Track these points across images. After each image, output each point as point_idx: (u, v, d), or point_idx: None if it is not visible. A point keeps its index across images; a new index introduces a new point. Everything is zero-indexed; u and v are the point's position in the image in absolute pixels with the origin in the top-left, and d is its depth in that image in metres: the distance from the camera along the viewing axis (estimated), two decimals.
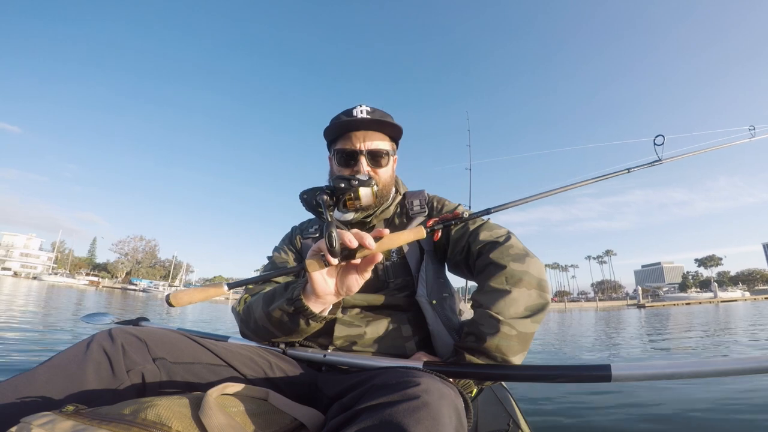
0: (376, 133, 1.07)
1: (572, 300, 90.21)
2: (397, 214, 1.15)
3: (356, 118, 1.03)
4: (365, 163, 1.05)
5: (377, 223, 1.13)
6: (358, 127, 1.05)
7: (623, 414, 2.82)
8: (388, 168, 1.10)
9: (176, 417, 0.50)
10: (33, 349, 4.26)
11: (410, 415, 0.50)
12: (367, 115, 1.05)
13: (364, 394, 0.59)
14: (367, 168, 1.05)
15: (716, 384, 3.46)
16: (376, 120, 1.04)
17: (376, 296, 1.03)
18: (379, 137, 1.07)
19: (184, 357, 0.77)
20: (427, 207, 1.14)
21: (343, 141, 1.07)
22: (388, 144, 1.10)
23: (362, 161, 1.04)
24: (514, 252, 0.93)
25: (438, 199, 1.18)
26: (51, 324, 7.07)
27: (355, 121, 1.03)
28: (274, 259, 1.19)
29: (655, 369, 0.66)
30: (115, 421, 0.48)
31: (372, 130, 1.06)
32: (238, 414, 0.56)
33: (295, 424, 0.61)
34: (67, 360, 0.67)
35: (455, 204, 1.16)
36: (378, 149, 1.06)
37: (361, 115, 1.04)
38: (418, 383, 0.55)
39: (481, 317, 0.87)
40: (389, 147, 1.10)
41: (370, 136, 1.05)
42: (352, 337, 0.97)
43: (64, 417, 0.49)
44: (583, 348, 7.65)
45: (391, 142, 1.11)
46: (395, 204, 1.16)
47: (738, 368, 0.62)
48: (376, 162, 1.06)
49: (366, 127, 1.05)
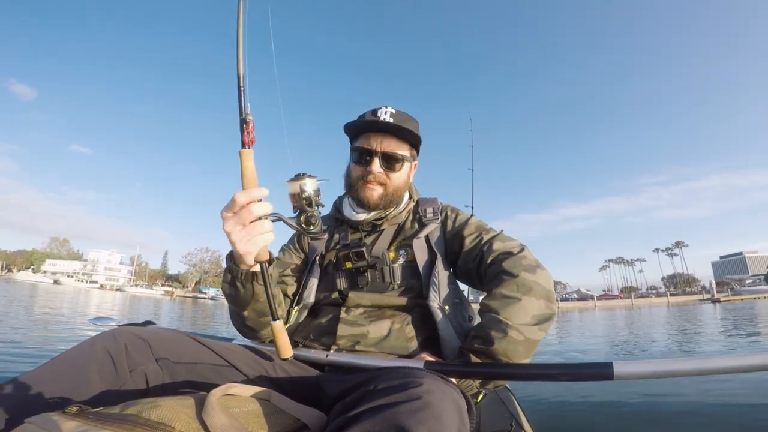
0: (395, 137, 1.09)
1: (640, 296, 79.72)
2: (410, 219, 1.17)
3: (376, 120, 1.06)
4: (378, 164, 1.07)
5: (388, 227, 1.15)
6: (377, 129, 1.08)
7: (626, 415, 2.81)
8: (402, 173, 1.12)
9: (179, 417, 0.51)
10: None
11: (412, 416, 0.50)
12: (390, 117, 1.07)
13: (366, 395, 0.59)
14: (380, 169, 1.07)
15: (718, 381, 3.45)
16: (394, 125, 1.06)
17: (381, 296, 1.04)
18: (397, 141, 1.09)
19: (186, 357, 0.78)
20: (440, 215, 1.16)
21: (362, 139, 1.10)
22: (407, 150, 1.12)
23: (375, 161, 1.07)
24: (527, 263, 0.96)
25: (452, 209, 1.20)
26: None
27: (374, 123, 1.07)
28: (279, 258, 1.20)
29: (658, 366, 0.65)
30: (119, 422, 0.48)
31: (390, 133, 1.08)
32: (240, 414, 0.56)
33: (298, 424, 0.61)
34: (70, 360, 0.68)
35: (468, 215, 1.18)
36: (393, 153, 1.08)
37: (384, 117, 1.07)
38: (420, 384, 0.55)
39: (489, 322, 0.88)
40: (407, 153, 1.12)
41: (388, 139, 1.08)
42: (356, 337, 0.97)
43: (67, 417, 0.49)
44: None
45: (410, 148, 1.14)
46: (407, 210, 1.18)
47: (742, 365, 0.62)
48: (390, 165, 1.08)
49: (384, 131, 1.07)
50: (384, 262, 1.07)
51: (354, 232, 1.16)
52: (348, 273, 1.08)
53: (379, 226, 1.14)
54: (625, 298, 71.15)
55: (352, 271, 1.07)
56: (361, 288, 1.06)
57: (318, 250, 1.16)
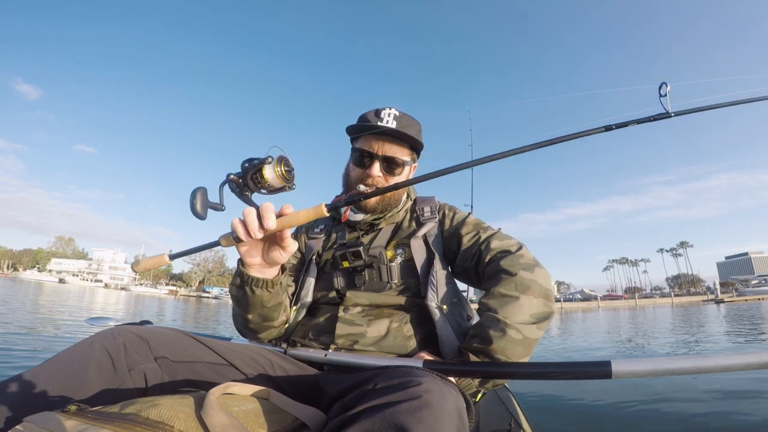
0: (397, 141, 1.09)
1: (645, 296, 78.68)
2: (408, 218, 1.17)
3: (379, 126, 1.06)
4: (378, 168, 1.08)
5: (386, 226, 1.15)
6: (379, 132, 1.07)
7: (625, 414, 2.81)
8: (402, 176, 1.12)
9: (178, 416, 0.51)
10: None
11: (412, 415, 0.50)
12: (393, 120, 1.07)
13: (365, 394, 0.59)
14: (380, 173, 1.08)
15: (717, 379, 3.44)
16: (397, 132, 1.06)
17: (379, 295, 1.04)
18: (398, 145, 1.09)
19: (185, 356, 0.78)
20: (438, 214, 1.16)
21: (363, 141, 1.10)
22: (407, 154, 1.12)
23: (375, 165, 1.08)
24: (525, 261, 0.96)
25: (449, 207, 1.20)
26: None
27: (376, 128, 1.07)
28: None
29: (656, 365, 0.65)
30: (118, 421, 0.48)
31: (393, 137, 1.08)
32: (239, 413, 0.56)
33: (297, 423, 0.61)
34: (69, 359, 0.68)
35: (466, 213, 1.18)
36: (394, 157, 1.08)
37: (387, 119, 1.07)
38: (419, 383, 0.55)
39: (488, 320, 0.88)
40: (407, 157, 1.12)
41: (390, 143, 1.08)
42: (354, 336, 0.97)
43: (66, 416, 0.49)
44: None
45: (411, 152, 1.14)
46: (405, 209, 1.19)
47: (740, 364, 0.61)
48: (390, 169, 1.09)
49: (387, 134, 1.07)
50: (381, 261, 1.08)
51: (351, 231, 1.16)
52: (345, 272, 1.09)
53: (376, 225, 1.14)
54: (629, 298, 70.26)
55: (350, 271, 1.08)
56: (359, 287, 1.06)
57: (315, 249, 1.16)
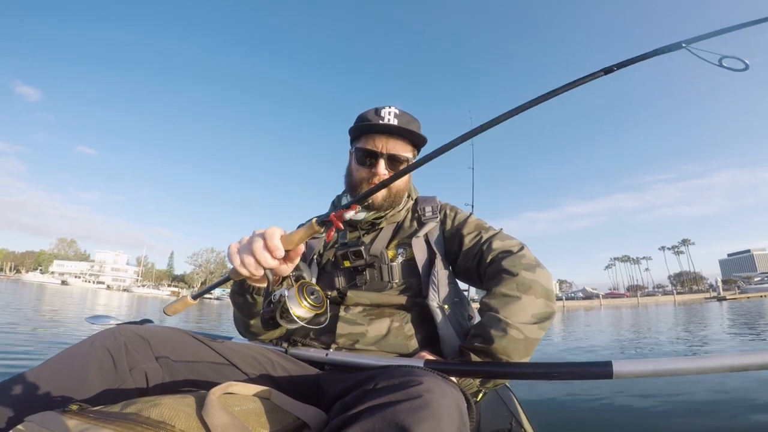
0: (400, 138, 1.09)
1: (647, 294, 77.76)
2: (409, 218, 1.17)
3: (382, 123, 1.07)
4: (383, 165, 1.08)
5: (387, 225, 1.15)
6: (382, 131, 1.08)
7: (626, 414, 2.80)
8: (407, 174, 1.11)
9: (180, 416, 0.51)
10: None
11: (412, 414, 0.50)
12: (395, 118, 1.08)
13: (366, 393, 0.59)
14: (385, 171, 1.08)
15: (719, 380, 3.42)
16: (401, 128, 1.06)
17: (379, 295, 1.04)
18: (402, 143, 1.10)
19: (186, 355, 0.78)
20: (439, 214, 1.16)
21: (366, 140, 1.10)
22: (410, 151, 1.12)
23: (381, 163, 1.08)
24: (526, 262, 0.96)
25: (450, 207, 1.20)
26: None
27: (380, 126, 1.07)
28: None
29: (657, 365, 0.65)
30: (119, 420, 0.49)
31: (395, 135, 1.08)
32: (241, 413, 0.56)
33: (298, 423, 0.61)
34: (70, 358, 0.68)
35: (467, 213, 1.18)
36: (398, 155, 1.09)
37: (388, 117, 1.07)
38: (420, 382, 0.55)
39: (489, 320, 0.88)
40: (410, 154, 1.12)
41: (393, 141, 1.08)
42: (355, 336, 0.97)
43: (68, 416, 0.49)
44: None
45: (413, 149, 1.14)
46: (406, 209, 1.19)
47: (741, 364, 0.61)
48: (394, 167, 1.09)
49: (390, 132, 1.08)
50: (382, 260, 1.08)
51: (352, 230, 1.16)
52: (346, 272, 1.09)
53: (377, 224, 1.14)
54: (631, 296, 69.99)
55: (351, 270, 1.08)
56: (360, 287, 1.06)
57: (316, 249, 1.16)
